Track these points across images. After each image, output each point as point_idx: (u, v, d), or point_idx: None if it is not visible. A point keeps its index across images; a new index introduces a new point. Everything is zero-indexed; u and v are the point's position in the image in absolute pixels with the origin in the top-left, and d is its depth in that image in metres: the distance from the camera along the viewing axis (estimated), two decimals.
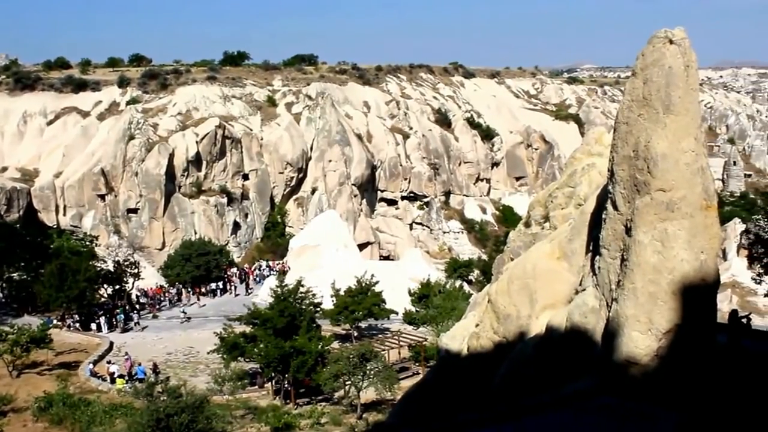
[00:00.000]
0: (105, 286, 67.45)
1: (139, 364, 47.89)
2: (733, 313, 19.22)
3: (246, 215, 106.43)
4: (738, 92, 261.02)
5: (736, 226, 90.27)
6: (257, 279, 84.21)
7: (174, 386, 36.54)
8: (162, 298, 74.14)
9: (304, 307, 48.47)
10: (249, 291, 77.32)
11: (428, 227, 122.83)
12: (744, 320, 19.30)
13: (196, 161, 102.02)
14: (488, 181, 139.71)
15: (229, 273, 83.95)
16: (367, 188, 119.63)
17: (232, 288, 78.97)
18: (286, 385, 45.24)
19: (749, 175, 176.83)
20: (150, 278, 77.76)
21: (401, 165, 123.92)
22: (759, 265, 30.20)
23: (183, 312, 66.44)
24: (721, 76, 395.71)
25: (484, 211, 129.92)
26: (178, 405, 31.68)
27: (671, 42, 14.88)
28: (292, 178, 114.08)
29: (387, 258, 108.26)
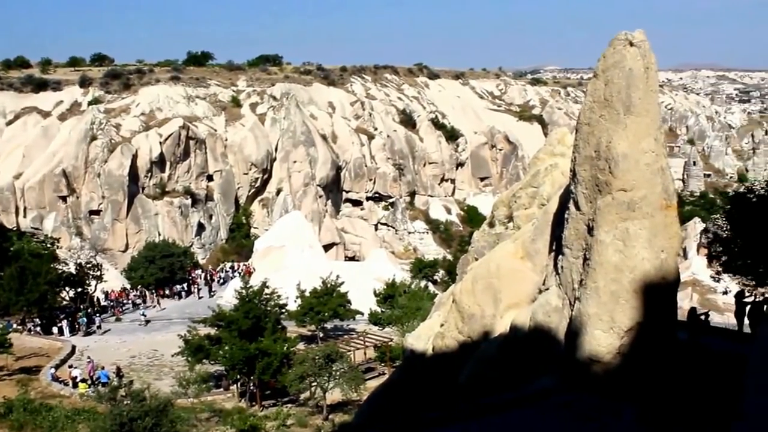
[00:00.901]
0: (67, 289, 66.58)
1: (102, 368, 47.34)
2: (692, 311, 19.57)
3: (210, 216, 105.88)
4: (697, 94, 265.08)
5: (696, 225, 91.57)
6: (221, 281, 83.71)
7: (137, 390, 36.17)
8: (125, 301, 73.43)
9: (269, 308, 48.29)
10: (212, 293, 76.73)
11: (393, 228, 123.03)
12: (702, 318, 19.65)
13: (159, 162, 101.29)
14: (453, 181, 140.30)
15: (193, 275, 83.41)
16: (332, 189, 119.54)
17: (197, 290, 78.38)
18: (251, 387, 45.06)
19: (708, 175, 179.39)
20: (113, 281, 76.95)
21: (366, 166, 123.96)
22: (718, 264, 30.66)
23: (143, 314, 65.84)
24: (681, 78, 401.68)
25: (448, 211, 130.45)
26: (142, 409, 31.44)
27: (631, 44, 15.09)
28: (256, 179, 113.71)
29: (352, 258, 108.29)
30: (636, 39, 15.14)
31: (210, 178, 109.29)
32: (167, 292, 76.57)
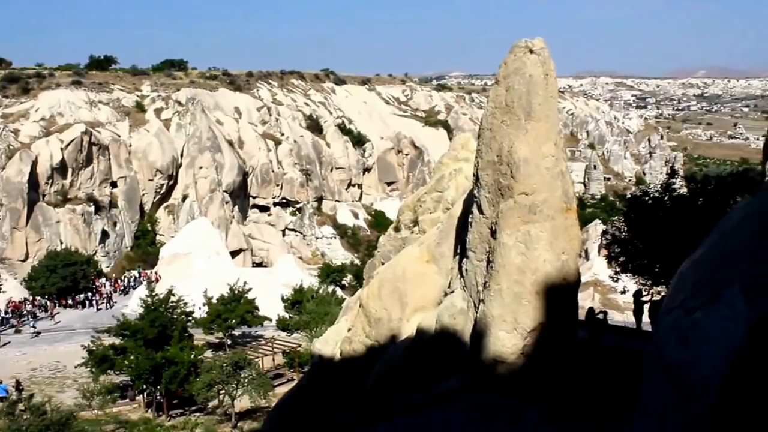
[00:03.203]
0: None
1: (0, 382, 45.89)
2: (590, 311, 20.16)
3: (115, 224, 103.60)
4: (597, 100, 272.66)
5: (597, 227, 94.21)
6: (125, 289, 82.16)
7: (38, 403, 35.23)
8: (25, 312, 71.21)
9: (175, 316, 47.69)
10: (112, 303, 75.03)
11: (301, 233, 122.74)
12: (600, 316, 20.26)
13: (61, 169, 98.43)
14: (360, 186, 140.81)
15: (97, 284, 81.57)
16: (239, 195, 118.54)
17: (103, 299, 76.59)
18: (158, 397, 44.42)
19: (608, 178, 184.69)
20: (12, 291, 74.63)
21: (273, 171, 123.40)
22: (616, 264, 31.54)
23: (33, 327, 63.88)
24: (581, 85, 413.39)
25: (356, 216, 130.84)
26: (43, 423, 30.70)
27: (531, 51, 15.44)
28: (162, 185, 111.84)
29: (260, 265, 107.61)
30: (536, 46, 15.49)
31: (114, 184, 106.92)
32: (70, 301, 74.69)
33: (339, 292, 71.51)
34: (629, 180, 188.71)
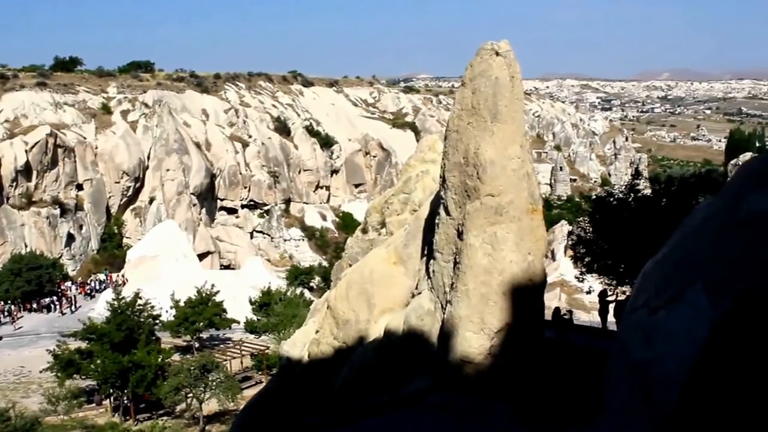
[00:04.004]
0: None
1: None
2: (556, 311, 20.31)
3: (81, 227, 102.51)
4: (563, 102, 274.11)
5: (564, 227, 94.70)
6: (91, 292, 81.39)
7: (2, 409, 34.90)
8: None
9: (142, 319, 47.37)
10: (77, 307, 74.24)
11: (269, 235, 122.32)
12: (566, 316, 20.43)
13: (25, 171, 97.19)
14: (328, 188, 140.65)
15: (63, 287, 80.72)
16: (207, 197, 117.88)
17: (69, 302, 75.75)
18: (125, 401, 44.08)
19: (574, 180, 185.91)
20: None
21: (241, 173, 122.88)
22: (581, 265, 31.80)
23: None
24: (547, 87, 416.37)
25: (324, 218, 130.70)
26: (6, 429, 30.43)
27: (497, 54, 15.52)
28: (128, 187, 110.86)
29: (228, 267, 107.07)
30: (502, 49, 15.57)
31: (80, 187, 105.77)
32: (35, 305, 73.84)
33: (307, 294, 71.39)
34: (595, 181, 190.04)
